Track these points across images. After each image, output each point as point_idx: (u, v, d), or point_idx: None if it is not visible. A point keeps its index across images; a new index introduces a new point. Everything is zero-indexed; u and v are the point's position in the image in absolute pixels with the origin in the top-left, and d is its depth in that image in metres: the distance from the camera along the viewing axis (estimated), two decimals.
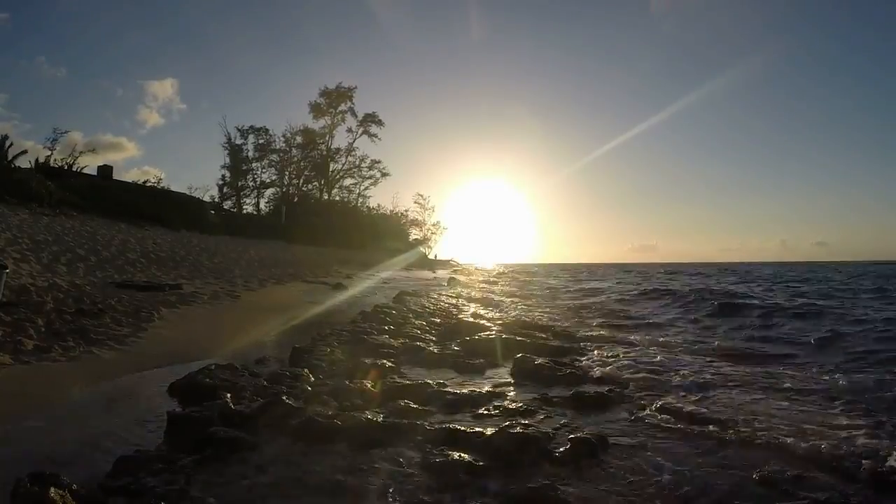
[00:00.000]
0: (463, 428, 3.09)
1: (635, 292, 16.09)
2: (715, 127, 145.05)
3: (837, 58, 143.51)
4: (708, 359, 5.86)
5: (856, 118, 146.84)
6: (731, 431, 3.28)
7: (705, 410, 3.73)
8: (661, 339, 7.30)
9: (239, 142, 47.61)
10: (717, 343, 7.03)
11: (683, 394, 4.26)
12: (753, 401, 4.04)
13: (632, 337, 7.44)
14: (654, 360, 5.66)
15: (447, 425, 3.15)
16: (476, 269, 48.03)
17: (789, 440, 3.12)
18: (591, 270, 49.64)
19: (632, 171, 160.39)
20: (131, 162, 73.33)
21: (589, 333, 7.78)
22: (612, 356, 5.89)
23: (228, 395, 3.54)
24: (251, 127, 48.44)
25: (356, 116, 51.75)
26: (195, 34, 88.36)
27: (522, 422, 3.28)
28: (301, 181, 51.55)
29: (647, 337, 7.49)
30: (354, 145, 52.74)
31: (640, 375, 4.83)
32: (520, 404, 3.79)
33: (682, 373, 5.02)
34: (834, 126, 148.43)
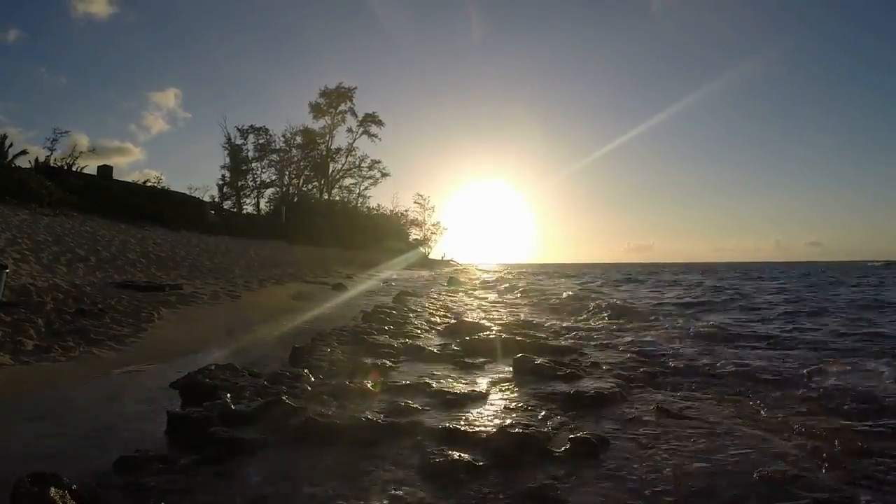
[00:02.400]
0: (462, 427, 3.09)
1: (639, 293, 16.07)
2: (711, 129, 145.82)
3: (831, 60, 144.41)
4: (711, 359, 5.84)
5: (847, 119, 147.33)
6: (732, 431, 3.28)
7: (707, 410, 3.73)
8: (663, 340, 7.29)
9: (239, 142, 47.71)
10: (722, 345, 7.02)
11: (685, 393, 4.26)
12: (756, 401, 4.03)
13: (633, 336, 7.44)
14: (656, 359, 5.66)
15: (447, 425, 3.15)
16: (476, 268, 48.06)
17: (792, 439, 3.12)
18: (584, 271, 49.61)
19: (629, 172, 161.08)
20: (135, 166, 74.73)
21: (589, 333, 7.78)
22: (612, 356, 5.89)
23: (228, 395, 3.54)
24: (251, 127, 48.61)
25: (356, 116, 51.90)
26: (195, 37, 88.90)
27: (522, 421, 3.27)
28: (301, 181, 51.64)
29: (648, 337, 7.49)
30: (354, 145, 52.90)
31: (641, 375, 4.83)
32: (520, 404, 3.79)
33: (684, 373, 5.02)
34: (826, 127, 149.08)
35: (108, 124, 72.65)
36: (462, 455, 2.69)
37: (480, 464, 2.62)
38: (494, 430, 3.01)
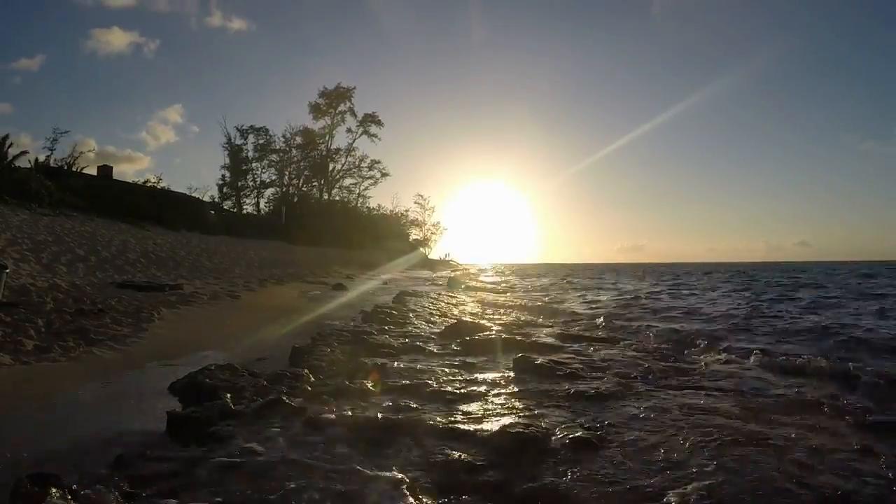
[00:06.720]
0: (463, 427, 3.09)
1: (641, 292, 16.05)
2: (704, 131, 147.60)
3: (824, 61, 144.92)
4: (711, 358, 5.85)
5: (837, 120, 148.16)
6: (732, 431, 3.28)
7: (707, 409, 3.73)
8: (662, 339, 7.30)
9: (239, 142, 47.67)
10: (724, 343, 7.02)
11: (684, 392, 4.25)
12: (756, 401, 4.03)
13: (632, 337, 7.44)
14: (655, 358, 5.66)
15: (447, 424, 3.15)
16: (476, 269, 48.07)
17: (791, 439, 3.12)
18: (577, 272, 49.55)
19: (623, 174, 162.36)
20: (140, 173, 76.93)
21: (589, 333, 7.78)
22: (612, 355, 5.89)
23: (228, 394, 3.54)
24: (251, 127, 48.55)
25: (356, 116, 51.91)
26: (196, 40, 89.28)
27: (522, 420, 3.27)
28: (301, 181, 51.63)
29: (647, 337, 7.49)
30: (354, 145, 52.90)
31: (640, 374, 4.83)
32: (519, 403, 3.79)
33: (683, 371, 5.02)
34: (815, 128, 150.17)
35: (117, 134, 75.27)
36: (462, 454, 2.69)
37: (481, 463, 2.62)
38: (494, 429, 3.01)
